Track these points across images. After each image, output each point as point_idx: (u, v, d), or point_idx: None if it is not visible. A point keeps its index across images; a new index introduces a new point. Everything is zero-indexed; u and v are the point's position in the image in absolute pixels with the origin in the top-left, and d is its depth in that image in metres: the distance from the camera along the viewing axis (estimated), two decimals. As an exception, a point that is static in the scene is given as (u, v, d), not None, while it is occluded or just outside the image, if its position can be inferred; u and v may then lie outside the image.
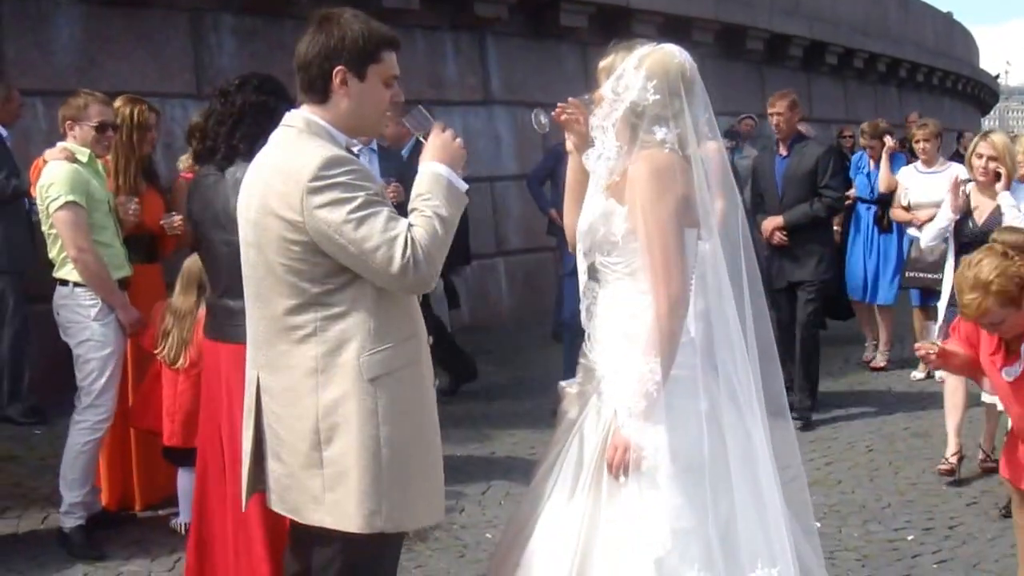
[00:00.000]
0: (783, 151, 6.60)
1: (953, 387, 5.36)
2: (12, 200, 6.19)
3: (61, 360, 4.79)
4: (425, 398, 2.72)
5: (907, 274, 6.95)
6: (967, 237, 5.31)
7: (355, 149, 2.76)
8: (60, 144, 4.78)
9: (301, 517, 2.68)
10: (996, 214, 5.15)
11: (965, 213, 5.37)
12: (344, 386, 2.58)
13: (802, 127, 7.19)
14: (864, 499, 5.12)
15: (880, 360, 7.98)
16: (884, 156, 7.92)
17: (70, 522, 4.65)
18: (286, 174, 2.55)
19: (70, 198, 4.52)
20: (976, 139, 5.56)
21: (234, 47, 7.90)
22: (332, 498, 2.60)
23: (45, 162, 4.77)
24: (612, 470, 2.78)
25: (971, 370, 3.72)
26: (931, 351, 3.64)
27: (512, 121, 9.86)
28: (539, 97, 10.14)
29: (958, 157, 15.29)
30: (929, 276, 6.51)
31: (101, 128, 4.78)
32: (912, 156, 8.01)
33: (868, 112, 15.91)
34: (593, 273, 2.95)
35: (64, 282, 4.67)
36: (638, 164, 2.79)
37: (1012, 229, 4.56)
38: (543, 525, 2.89)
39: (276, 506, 2.74)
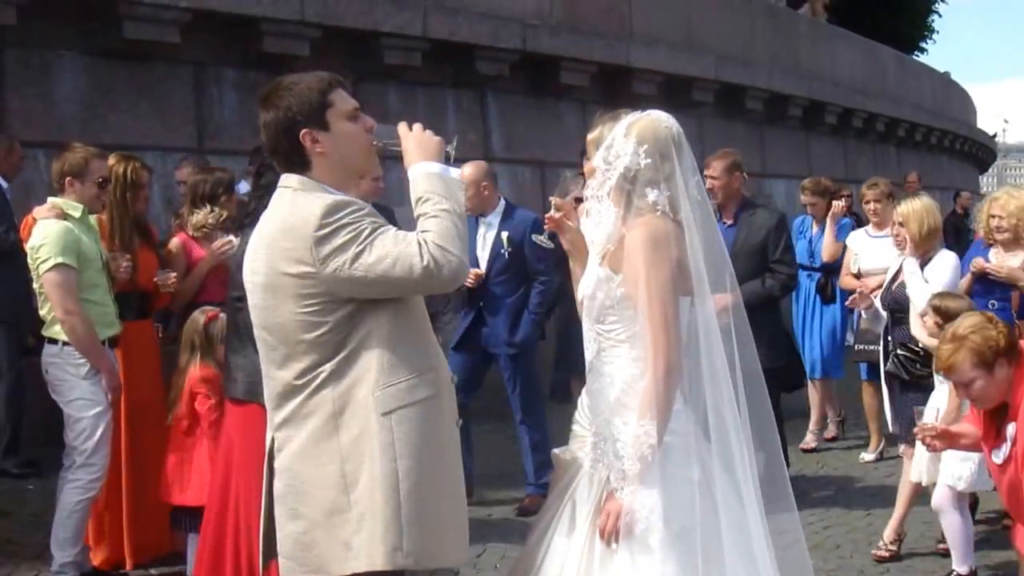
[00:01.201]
0: (727, 220, 5.82)
1: (907, 478, 5.27)
2: (10, 252, 6.19)
3: (57, 413, 4.75)
4: (443, 433, 2.70)
5: (856, 346, 6.71)
6: (886, 303, 5.40)
7: None
8: (50, 200, 4.77)
9: (329, 572, 2.62)
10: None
11: (891, 278, 5.44)
12: (361, 422, 2.58)
13: (745, 191, 6.62)
14: (862, 564, 5.08)
15: (832, 430, 7.57)
16: (829, 221, 7.42)
17: None
18: (290, 230, 2.57)
19: (60, 260, 4.51)
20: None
21: (236, 101, 7.95)
22: (359, 540, 2.57)
23: (35, 220, 4.77)
24: (603, 536, 2.78)
25: (979, 446, 3.70)
26: (930, 433, 3.69)
27: (512, 178, 9.88)
28: (539, 154, 10.21)
29: (955, 216, 15.46)
30: (878, 348, 6.14)
31: (102, 185, 4.80)
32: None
33: (867, 171, 15.98)
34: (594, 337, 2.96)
35: (53, 340, 4.66)
36: (634, 232, 2.83)
37: (952, 296, 4.74)
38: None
39: (293, 573, 2.68)
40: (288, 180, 2.69)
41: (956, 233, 14.11)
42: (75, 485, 4.62)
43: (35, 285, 4.67)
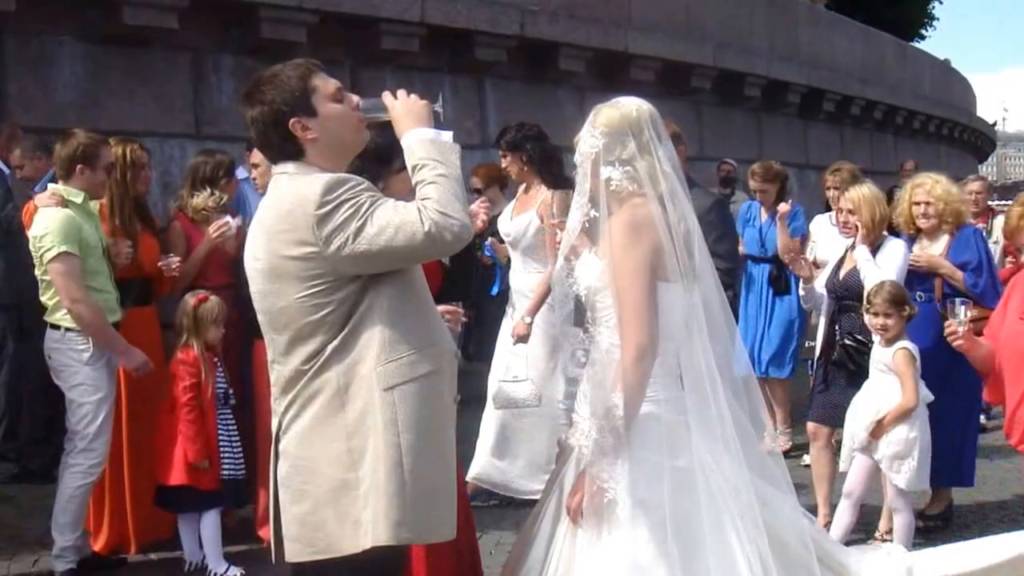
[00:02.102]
0: None
1: (816, 458, 5.31)
2: (14, 232, 6.19)
3: (58, 398, 4.78)
4: (444, 409, 2.73)
5: (807, 343, 6.48)
6: (832, 291, 5.31)
7: None
8: (51, 187, 4.77)
9: (339, 550, 2.62)
10: (857, 268, 5.14)
11: (836, 266, 5.36)
12: (365, 398, 2.59)
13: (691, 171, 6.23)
14: None
15: (783, 442, 6.76)
16: (780, 222, 6.78)
17: (61, 566, 4.67)
18: (290, 213, 2.58)
19: (63, 248, 4.52)
20: (832, 193, 5.57)
21: (234, 88, 7.93)
22: (366, 517, 2.58)
23: (36, 207, 4.77)
24: (569, 511, 2.83)
25: (990, 365, 3.92)
26: (960, 328, 3.81)
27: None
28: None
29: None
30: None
31: (109, 171, 4.81)
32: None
33: (865, 159, 15.97)
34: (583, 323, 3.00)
35: (56, 326, 4.68)
36: (614, 218, 2.87)
37: (893, 284, 4.82)
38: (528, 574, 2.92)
39: (300, 555, 2.69)
40: (283, 167, 2.71)
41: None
42: (76, 470, 4.65)
43: (37, 272, 4.67)
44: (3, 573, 4.88)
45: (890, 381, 4.73)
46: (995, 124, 34.83)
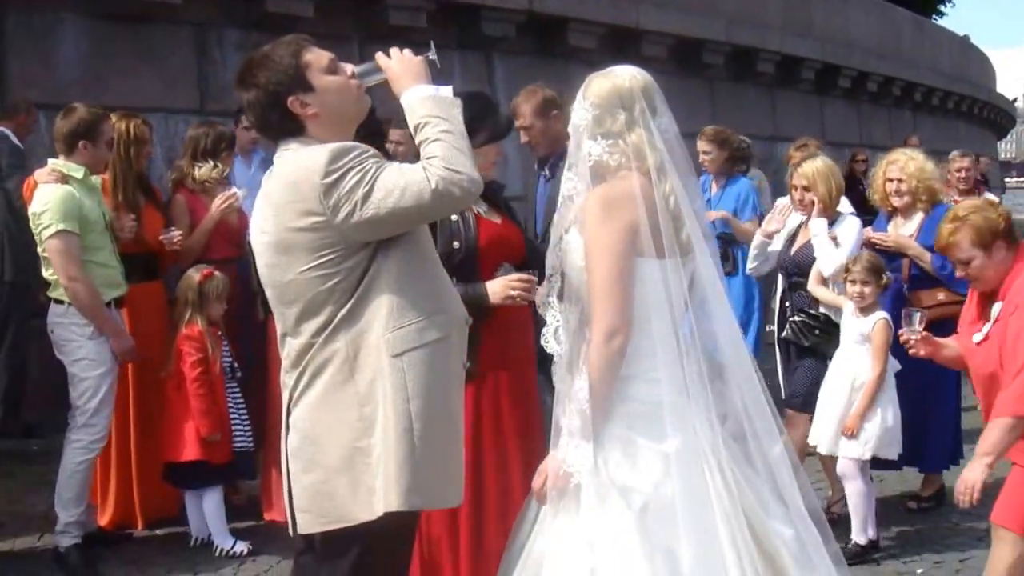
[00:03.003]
0: (547, 171, 5.10)
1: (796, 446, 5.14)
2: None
3: (61, 373, 4.76)
4: (452, 376, 2.71)
5: (767, 327, 6.31)
6: (784, 267, 5.20)
7: None
8: (51, 163, 4.72)
9: (352, 519, 2.60)
10: (810, 244, 5.00)
11: (788, 241, 5.22)
12: (374, 365, 2.58)
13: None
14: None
15: None
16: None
17: (66, 541, 4.65)
18: (295, 184, 2.56)
19: (61, 226, 4.49)
20: (790, 168, 5.39)
21: (238, 63, 7.82)
22: (380, 483, 2.57)
23: (35, 183, 4.74)
24: (536, 495, 2.76)
25: (962, 363, 3.76)
26: (913, 337, 3.72)
27: (518, 141, 9.79)
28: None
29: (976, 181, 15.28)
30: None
31: (110, 145, 4.79)
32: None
33: (882, 136, 15.82)
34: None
35: (59, 301, 4.66)
36: (591, 193, 2.77)
37: (871, 253, 4.80)
38: (515, 555, 2.87)
39: (312, 526, 2.68)
40: (287, 143, 2.68)
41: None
42: (77, 445, 4.63)
43: (39, 249, 4.66)
44: (8, 548, 4.88)
45: (863, 353, 4.64)
46: (1015, 100, 34.43)
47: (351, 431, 2.59)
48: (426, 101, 2.62)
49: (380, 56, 2.73)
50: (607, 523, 2.65)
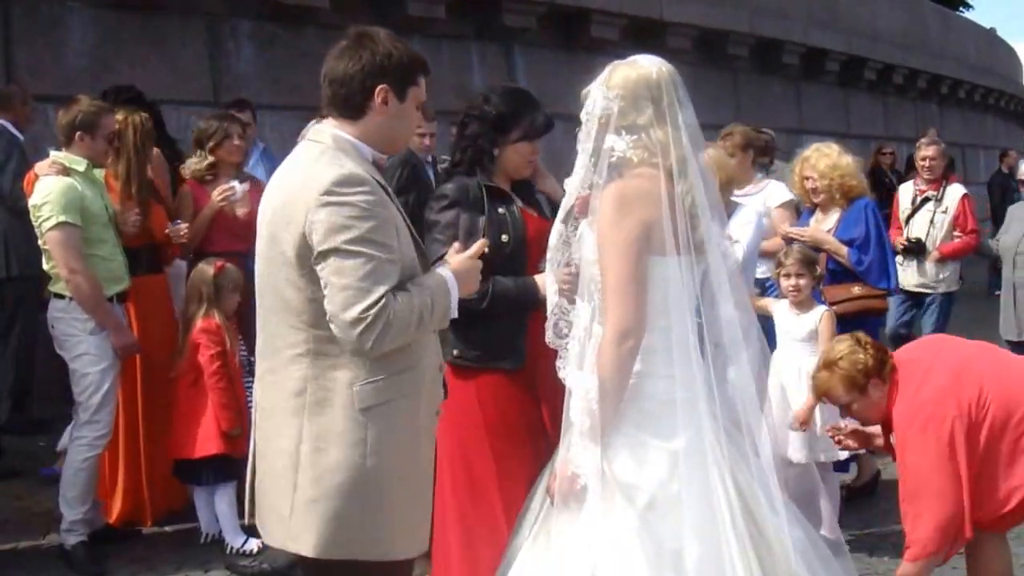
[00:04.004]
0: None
1: None
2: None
3: (67, 369, 4.68)
4: (418, 430, 2.64)
5: None
6: None
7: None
8: (52, 155, 4.68)
9: (266, 533, 2.66)
10: None
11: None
12: (334, 414, 2.51)
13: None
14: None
15: None
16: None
17: (71, 539, 4.62)
18: (302, 188, 2.51)
19: (62, 218, 4.45)
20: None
21: (252, 54, 7.79)
22: (299, 523, 2.53)
23: (37, 176, 4.69)
24: (550, 494, 2.74)
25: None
26: (841, 432, 3.77)
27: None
28: (568, 111, 9.90)
29: (1001, 176, 15.04)
30: None
31: (111, 140, 4.75)
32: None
33: (909, 129, 15.59)
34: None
35: (60, 295, 4.61)
36: (606, 189, 2.72)
37: (802, 245, 4.84)
38: (512, 556, 2.84)
39: (256, 522, 2.71)
40: (320, 135, 2.62)
41: (1002, 192, 13.68)
42: (80, 443, 4.59)
43: (40, 242, 4.61)
44: (13, 546, 4.84)
45: (807, 349, 4.55)
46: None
47: (282, 458, 2.55)
48: (447, 292, 2.62)
49: (457, 245, 2.83)
50: (609, 523, 2.62)
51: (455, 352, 3.36)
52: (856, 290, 5.01)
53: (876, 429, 3.75)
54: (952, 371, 3.40)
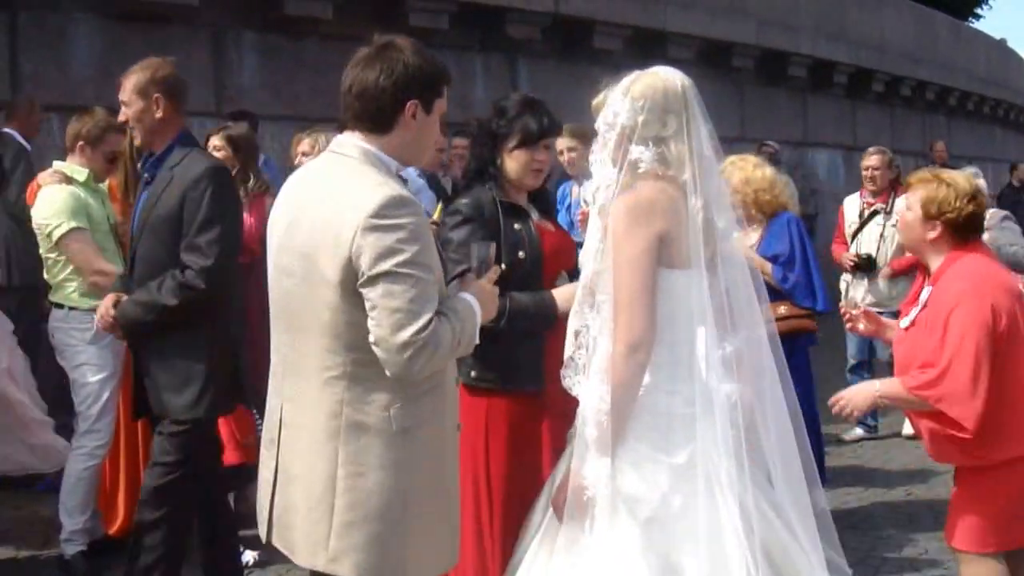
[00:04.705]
0: (146, 173, 3.96)
1: None
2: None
3: (66, 379, 4.70)
4: (445, 447, 2.65)
5: None
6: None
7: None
8: (55, 165, 4.74)
9: (300, 559, 2.60)
10: None
11: None
12: (371, 436, 2.50)
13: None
14: (901, 543, 4.92)
15: None
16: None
17: (71, 549, 4.61)
18: (345, 208, 2.44)
19: (73, 224, 4.50)
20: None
21: (255, 65, 7.81)
22: (340, 546, 2.51)
23: (39, 186, 4.73)
24: (555, 508, 2.72)
25: None
26: (853, 311, 3.64)
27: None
28: (570, 120, 9.92)
29: (1010, 189, 14.95)
30: None
31: (112, 159, 4.78)
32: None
33: (916, 141, 15.55)
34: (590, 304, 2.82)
35: (59, 305, 4.63)
36: (618, 200, 2.70)
37: None
38: (514, 569, 2.84)
39: (276, 541, 2.67)
40: (345, 147, 2.57)
41: (1013, 207, 13.59)
42: (81, 452, 4.60)
43: (41, 251, 4.63)
44: (13, 555, 4.85)
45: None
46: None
47: (321, 483, 2.51)
48: (474, 318, 2.59)
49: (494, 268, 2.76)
50: (614, 536, 2.60)
51: (472, 374, 3.28)
52: (783, 310, 4.77)
53: (890, 321, 3.72)
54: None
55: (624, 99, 2.72)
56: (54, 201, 4.50)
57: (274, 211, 2.67)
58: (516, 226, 3.36)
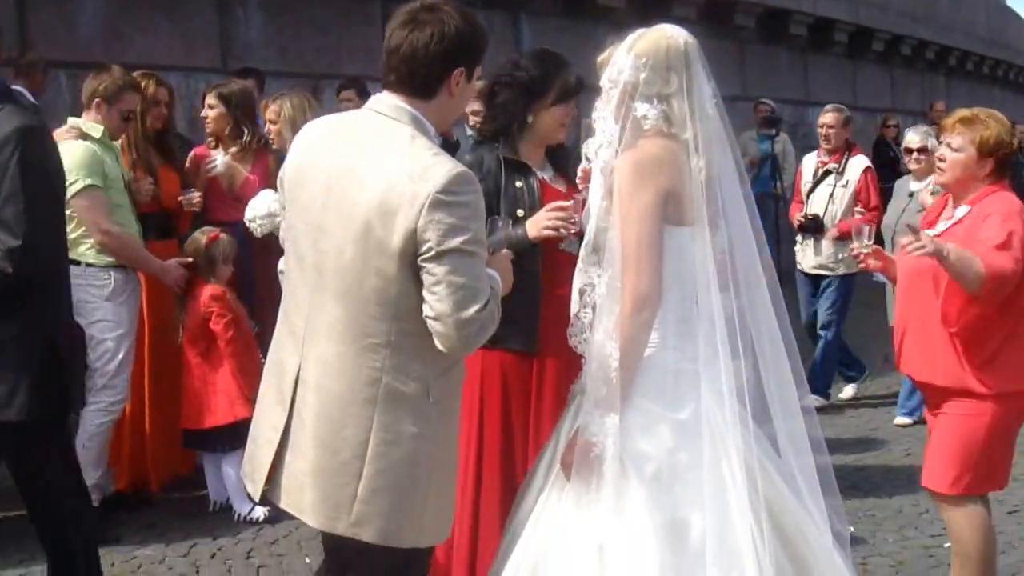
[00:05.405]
0: None
1: None
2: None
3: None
4: (459, 414, 2.69)
5: None
6: None
7: None
8: (70, 121, 4.73)
9: (315, 522, 2.56)
10: None
11: None
12: (407, 406, 2.49)
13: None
14: (900, 504, 4.92)
15: None
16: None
17: None
18: (408, 179, 2.39)
19: (88, 181, 4.50)
20: None
21: (261, 22, 7.78)
22: (365, 511, 2.49)
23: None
24: (563, 465, 2.71)
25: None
26: (864, 250, 3.69)
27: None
28: (574, 79, 9.91)
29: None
30: None
31: (127, 118, 4.78)
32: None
33: (916, 101, 15.54)
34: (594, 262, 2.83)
35: (76, 262, 4.59)
36: (622, 157, 2.69)
37: None
38: (518, 528, 2.82)
39: (282, 502, 2.63)
40: (398, 112, 2.50)
41: (1012, 168, 13.64)
42: (97, 407, 4.62)
43: None
44: (24, 513, 4.80)
45: None
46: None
47: (349, 448, 2.49)
48: (497, 295, 2.57)
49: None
50: (620, 494, 2.61)
51: None
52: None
53: (893, 256, 3.81)
54: None
55: (628, 56, 2.72)
56: (70, 156, 4.43)
57: (301, 163, 2.59)
58: (517, 184, 3.35)
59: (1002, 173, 3.51)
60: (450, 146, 6.04)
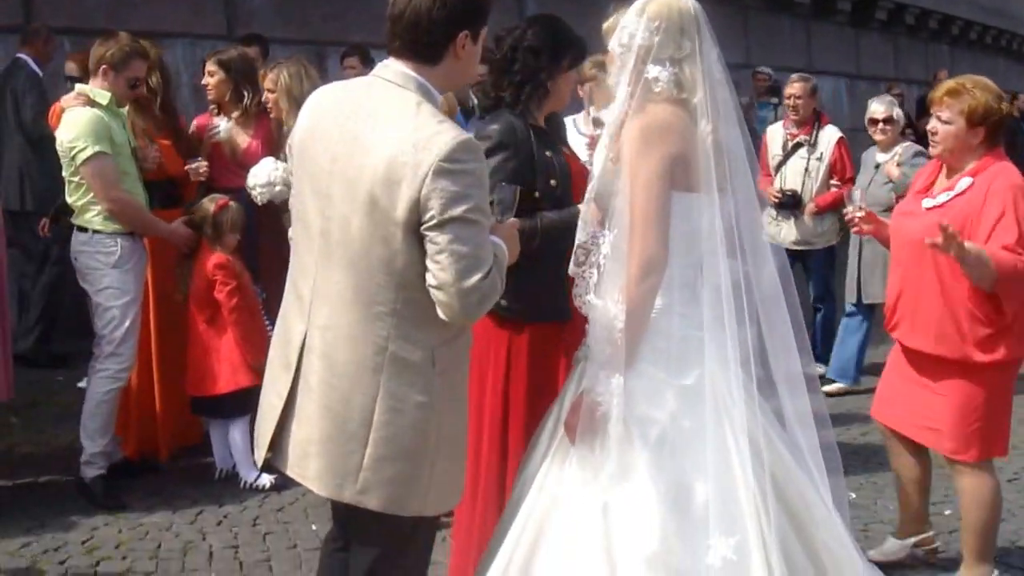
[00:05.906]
0: None
1: None
2: (44, 139, 6.10)
3: (86, 304, 4.73)
4: (465, 386, 2.69)
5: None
6: None
7: None
8: (78, 87, 4.71)
9: (321, 489, 2.56)
10: None
11: None
12: (413, 374, 2.49)
13: None
14: None
15: None
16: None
17: (91, 472, 4.63)
18: (413, 147, 2.38)
19: (96, 148, 4.48)
20: None
21: (266, -11, 7.75)
22: (370, 479, 2.50)
23: (62, 108, 4.70)
24: (568, 432, 2.71)
25: None
26: (857, 214, 3.73)
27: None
28: (578, 48, 9.87)
29: (1011, 119, 14.88)
30: None
31: (133, 85, 4.75)
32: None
33: (919, 70, 15.46)
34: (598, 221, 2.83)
35: (83, 228, 4.63)
36: (631, 121, 2.68)
37: None
38: (523, 489, 2.82)
39: (290, 468, 2.62)
40: (404, 79, 2.49)
41: (1012, 135, 13.62)
42: (104, 375, 4.61)
43: (65, 173, 4.62)
44: (33, 479, 4.87)
45: None
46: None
47: (356, 417, 2.49)
48: (504, 265, 2.56)
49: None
50: (624, 459, 2.62)
51: (503, 303, 3.06)
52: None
53: (883, 219, 3.85)
54: None
55: (639, 20, 2.69)
56: (78, 123, 4.48)
57: (309, 130, 2.57)
58: (547, 153, 3.32)
59: (995, 139, 3.55)
60: (467, 111, 6.04)
